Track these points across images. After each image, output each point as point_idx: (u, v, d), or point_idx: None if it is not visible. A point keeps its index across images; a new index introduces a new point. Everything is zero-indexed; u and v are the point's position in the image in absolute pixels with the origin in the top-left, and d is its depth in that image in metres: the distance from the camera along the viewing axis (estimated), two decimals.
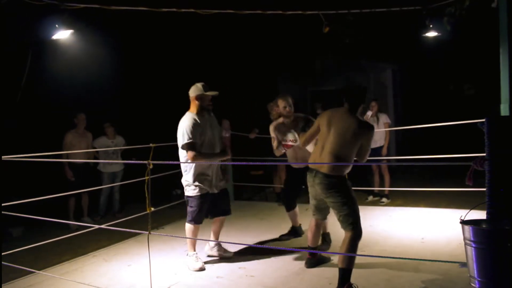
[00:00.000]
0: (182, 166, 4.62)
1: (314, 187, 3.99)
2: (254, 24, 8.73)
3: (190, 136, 4.43)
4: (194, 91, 4.62)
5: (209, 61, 10.92)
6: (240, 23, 8.22)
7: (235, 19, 6.36)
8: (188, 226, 4.63)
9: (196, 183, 4.54)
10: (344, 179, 3.87)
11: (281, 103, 5.09)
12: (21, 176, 6.78)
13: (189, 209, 4.62)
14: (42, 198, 4.52)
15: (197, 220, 4.59)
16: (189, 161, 4.48)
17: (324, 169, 3.83)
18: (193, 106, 4.64)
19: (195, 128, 4.48)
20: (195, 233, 4.63)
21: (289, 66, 12.05)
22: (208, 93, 4.60)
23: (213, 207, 4.72)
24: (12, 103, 7.67)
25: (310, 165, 4.03)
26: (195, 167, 4.53)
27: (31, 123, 8.47)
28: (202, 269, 4.52)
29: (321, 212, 4.20)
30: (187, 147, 4.43)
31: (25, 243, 4.61)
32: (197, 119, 4.55)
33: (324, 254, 4.58)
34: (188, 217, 4.61)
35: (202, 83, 4.63)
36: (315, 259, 4.43)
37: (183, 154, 4.55)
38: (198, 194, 4.55)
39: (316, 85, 11.69)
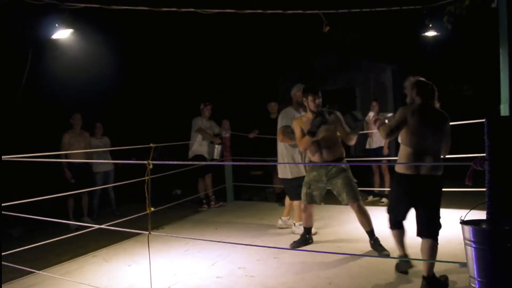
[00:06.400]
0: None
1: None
2: (254, 24, 8.73)
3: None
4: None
5: (209, 61, 10.93)
6: (240, 23, 8.22)
7: (235, 19, 6.36)
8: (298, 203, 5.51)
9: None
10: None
11: None
12: (20, 176, 6.77)
13: (290, 188, 5.59)
14: (42, 198, 4.51)
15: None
16: (283, 149, 5.61)
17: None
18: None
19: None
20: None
21: (289, 66, 12.05)
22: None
23: None
24: (13, 102, 7.68)
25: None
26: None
27: (31, 122, 8.48)
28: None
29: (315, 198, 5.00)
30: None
31: (24, 243, 4.61)
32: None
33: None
34: (294, 196, 5.51)
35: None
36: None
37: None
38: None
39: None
